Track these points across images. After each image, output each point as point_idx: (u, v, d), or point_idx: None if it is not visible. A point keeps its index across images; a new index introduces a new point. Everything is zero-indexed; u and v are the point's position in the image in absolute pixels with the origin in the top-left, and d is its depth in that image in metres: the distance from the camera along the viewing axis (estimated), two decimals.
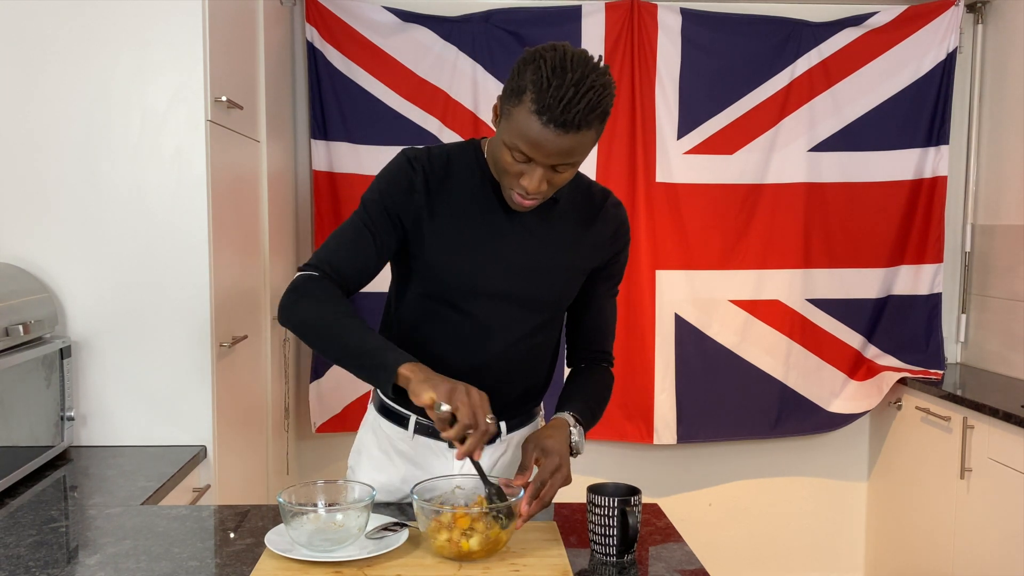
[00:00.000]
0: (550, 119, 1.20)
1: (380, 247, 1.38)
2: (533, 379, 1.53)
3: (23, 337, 1.73)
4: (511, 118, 1.24)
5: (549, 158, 1.24)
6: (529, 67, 1.23)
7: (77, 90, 1.94)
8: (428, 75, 3.00)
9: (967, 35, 3.15)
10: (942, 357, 3.14)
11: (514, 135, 1.24)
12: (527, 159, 1.26)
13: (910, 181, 3.10)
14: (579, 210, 1.46)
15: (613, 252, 1.51)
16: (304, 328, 1.33)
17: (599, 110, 1.22)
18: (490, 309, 1.41)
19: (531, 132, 1.22)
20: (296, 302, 1.33)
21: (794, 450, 3.29)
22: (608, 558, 1.28)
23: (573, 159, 1.26)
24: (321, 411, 3.06)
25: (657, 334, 3.09)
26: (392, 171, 1.40)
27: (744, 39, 3.04)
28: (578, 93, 1.19)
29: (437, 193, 1.39)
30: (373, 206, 1.38)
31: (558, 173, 1.28)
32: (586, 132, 1.22)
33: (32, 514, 1.53)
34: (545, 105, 1.19)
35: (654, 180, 3.06)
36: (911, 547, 2.95)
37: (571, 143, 1.22)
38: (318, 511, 1.29)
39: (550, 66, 1.20)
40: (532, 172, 1.27)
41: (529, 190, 1.28)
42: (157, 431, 2.00)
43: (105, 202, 1.96)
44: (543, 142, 1.22)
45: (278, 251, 2.66)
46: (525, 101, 1.22)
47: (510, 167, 1.28)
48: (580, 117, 1.20)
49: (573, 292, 1.50)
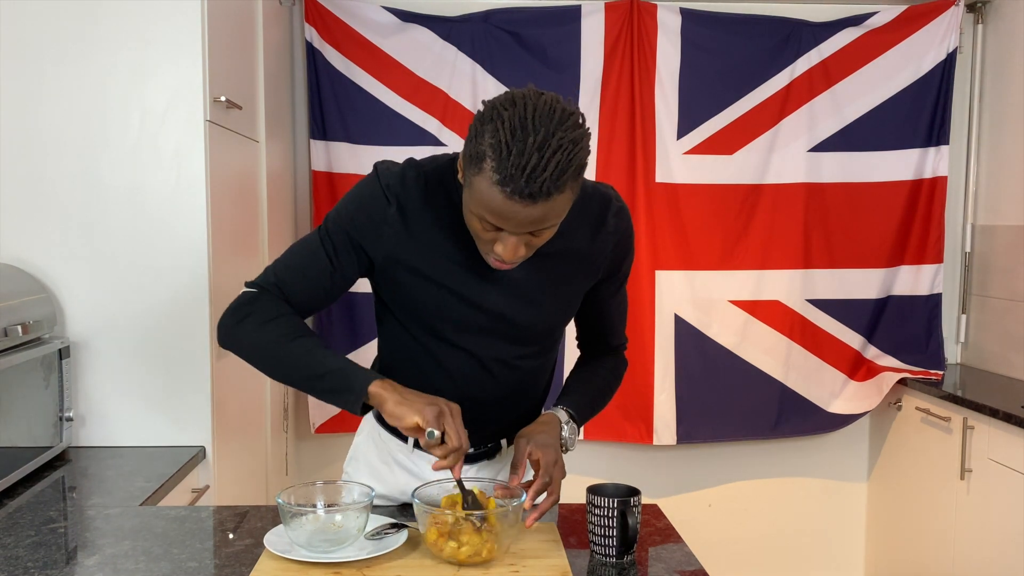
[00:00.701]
0: (514, 191, 1.06)
1: (337, 278, 1.29)
2: (530, 400, 1.49)
3: (22, 337, 1.73)
4: (472, 188, 1.11)
5: (521, 227, 1.11)
6: (487, 128, 1.08)
7: (76, 90, 1.94)
8: (427, 75, 2.99)
9: (967, 35, 3.15)
10: (942, 357, 3.14)
11: (479, 206, 1.11)
12: (497, 229, 1.14)
13: (910, 181, 3.10)
14: (576, 228, 1.30)
15: (616, 263, 1.40)
16: (251, 351, 1.26)
17: (570, 170, 1.07)
18: (480, 343, 1.34)
19: (495, 204, 1.08)
20: (240, 323, 1.26)
21: (794, 451, 3.29)
22: (608, 559, 1.27)
23: (547, 224, 1.13)
24: (320, 412, 3.05)
25: (657, 334, 3.08)
26: (364, 199, 1.27)
27: (744, 39, 3.04)
28: (543, 159, 1.05)
29: (415, 223, 1.26)
30: (337, 232, 1.27)
31: (536, 237, 1.16)
32: (558, 197, 1.08)
33: (31, 515, 1.53)
34: (507, 176, 1.05)
35: (654, 180, 3.06)
36: (911, 547, 2.95)
37: (542, 211, 1.09)
38: (317, 512, 1.29)
39: (508, 128, 1.06)
40: (505, 240, 1.14)
41: (506, 258, 1.16)
42: (156, 431, 2.00)
43: (104, 203, 1.96)
44: (510, 215, 1.08)
45: (277, 251, 2.63)
46: (485, 170, 1.07)
47: (481, 234, 1.16)
48: (548, 184, 1.05)
49: (571, 315, 1.43)
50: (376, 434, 1.53)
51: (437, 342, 1.34)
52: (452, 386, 1.34)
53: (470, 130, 1.12)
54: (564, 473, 1.33)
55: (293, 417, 2.98)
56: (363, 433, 1.57)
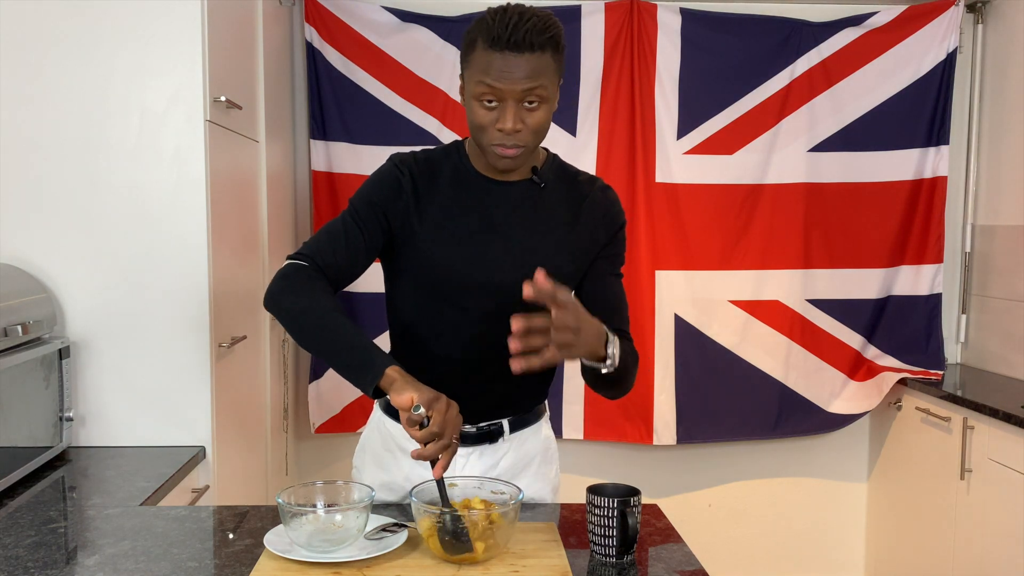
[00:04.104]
0: (503, 45, 1.26)
1: (368, 245, 1.41)
2: (535, 374, 1.51)
3: (22, 337, 1.73)
4: (471, 66, 1.31)
5: (515, 85, 1.28)
6: (474, 24, 1.32)
7: (76, 90, 1.94)
8: (427, 75, 2.99)
9: (967, 35, 3.15)
10: (942, 357, 3.14)
11: (477, 78, 1.30)
12: (496, 99, 1.30)
13: (910, 181, 3.10)
14: (566, 197, 1.47)
15: (608, 234, 1.49)
16: (291, 316, 1.34)
17: (548, 34, 1.28)
18: (486, 303, 1.41)
19: (490, 65, 1.27)
20: (285, 290, 1.34)
21: (794, 451, 3.29)
22: (608, 559, 1.27)
23: (538, 84, 1.29)
24: (320, 412, 3.05)
25: (657, 334, 3.08)
26: (380, 174, 1.45)
27: (744, 39, 3.04)
28: (523, 18, 1.27)
29: (425, 194, 1.42)
30: (362, 205, 1.42)
31: (529, 111, 1.31)
32: (541, 55, 1.28)
33: (31, 515, 1.53)
34: (495, 36, 1.26)
35: (654, 180, 3.06)
36: (911, 547, 2.95)
37: (530, 65, 1.27)
38: (317, 512, 1.29)
39: (492, 12, 1.30)
40: (504, 112, 1.30)
41: (506, 129, 1.30)
42: (156, 432, 2.00)
43: (104, 202, 1.96)
44: (504, 69, 1.27)
45: (277, 251, 2.65)
46: (477, 45, 1.29)
47: (483, 118, 1.32)
48: (531, 36, 1.26)
49: (574, 276, 1.47)
50: (381, 423, 1.57)
51: (443, 305, 1.43)
52: (457, 347, 1.44)
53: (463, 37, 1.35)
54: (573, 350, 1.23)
55: (293, 417, 2.98)
56: (370, 425, 1.62)
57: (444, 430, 1.20)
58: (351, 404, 3.05)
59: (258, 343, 2.51)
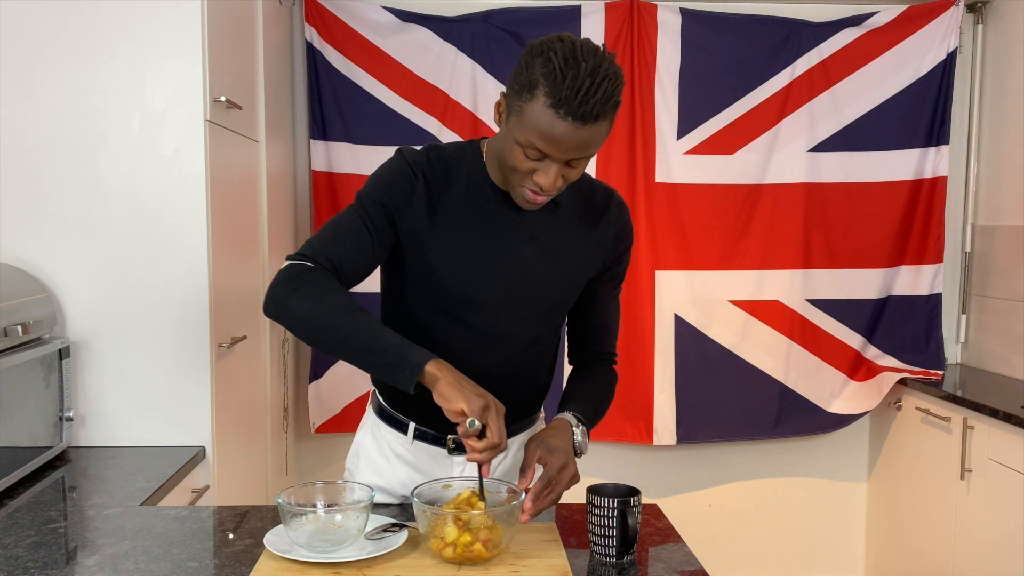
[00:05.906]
0: (567, 112, 1.16)
1: (377, 247, 1.33)
2: (533, 385, 1.52)
3: (22, 337, 1.73)
4: (523, 114, 1.20)
5: (566, 153, 1.21)
6: (538, 60, 1.19)
7: (76, 90, 1.94)
8: (427, 75, 2.99)
9: (967, 35, 3.15)
10: (942, 357, 3.14)
11: (528, 132, 1.20)
12: (541, 156, 1.22)
13: (910, 181, 3.10)
14: (582, 213, 1.42)
15: (616, 255, 1.47)
16: (304, 322, 1.25)
17: (613, 99, 1.19)
18: (490, 319, 1.38)
19: (547, 127, 1.18)
20: (292, 293, 1.25)
21: (794, 451, 3.29)
22: (608, 559, 1.27)
23: (588, 152, 1.23)
24: (320, 411, 3.05)
25: (657, 334, 3.08)
26: (393, 172, 1.35)
27: (744, 39, 3.04)
28: (594, 83, 1.16)
29: (438, 200, 1.34)
30: (372, 205, 1.33)
31: (572, 168, 1.25)
32: (602, 123, 1.20)
33: (31, 515, 1.53)
34: (562, 98, 1.16)
35: (654, 180, 3.06)
36: (911, 547, 2.95)
37: (588, 135, 1.19)
38: (317, 512, 1.29)
39: (561, 57, 1.17)
40: (547, 169, 1.24)
41: (545, 187, 1.24)
42: (156, 432, 2.00)
43: (104, 202, 1.96)
44: (560, 137, 1.18)
45: (277, 251, 2.65)
46: (538, 96, 1.18)
47: (521, 164, 1.24)
48: (598, 107, 1.17)
49: (574, 297, 1.48)
50: (376, 428, 1.54)
51: (440, 315, 1.39)
52: (451, 359, 1.33)
53: (519, 63, 1.22)
54: (575, 479, 1.33)
55: (293, 417, 2.98)
56: (363, 428, 1.58)
57: (502, 438, 1.20)
58: (351, 404, 3.05)
59: (258, 343, 2.51)
